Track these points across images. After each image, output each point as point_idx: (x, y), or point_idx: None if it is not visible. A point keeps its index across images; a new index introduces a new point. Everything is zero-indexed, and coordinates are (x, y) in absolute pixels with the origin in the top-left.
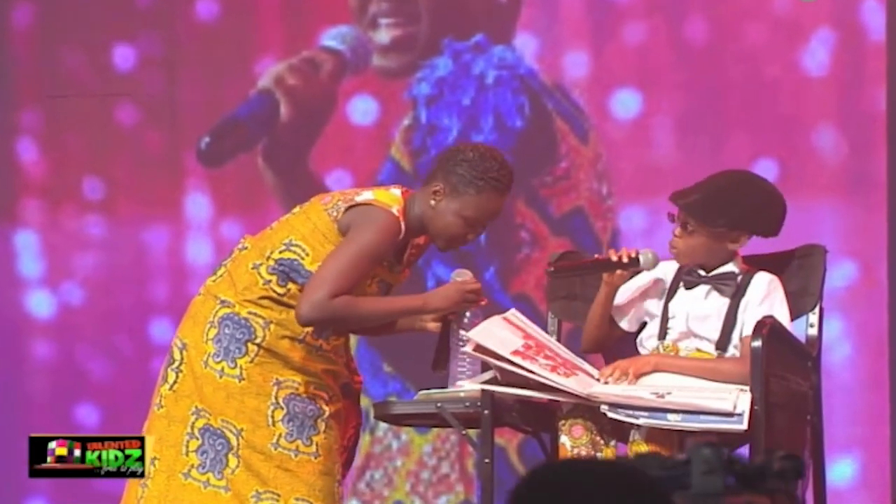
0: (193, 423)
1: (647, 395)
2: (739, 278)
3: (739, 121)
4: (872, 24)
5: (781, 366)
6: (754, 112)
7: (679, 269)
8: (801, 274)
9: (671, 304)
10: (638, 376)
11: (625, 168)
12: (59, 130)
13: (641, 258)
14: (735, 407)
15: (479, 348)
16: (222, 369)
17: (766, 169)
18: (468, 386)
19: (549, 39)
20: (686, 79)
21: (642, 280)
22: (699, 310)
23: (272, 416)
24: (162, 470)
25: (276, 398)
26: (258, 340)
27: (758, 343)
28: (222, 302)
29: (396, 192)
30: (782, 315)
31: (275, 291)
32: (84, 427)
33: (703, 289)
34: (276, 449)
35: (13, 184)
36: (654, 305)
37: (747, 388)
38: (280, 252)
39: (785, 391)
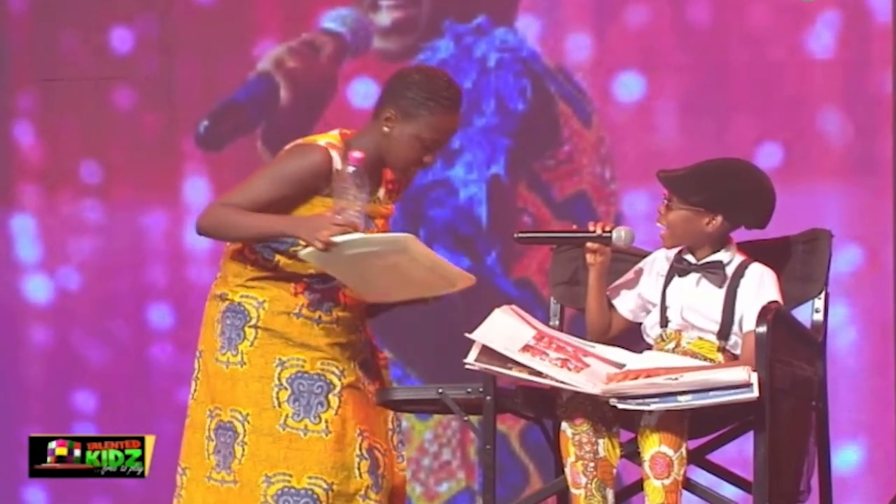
0: (209, 425)
1: (660, 381)
2: (733, 267)
3: (744, 104)
4: (879, 6)
5: (786, 351)
6: (759, 95)
7: (675, 256)
8: (806, 259)
9: (668, 291)
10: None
11: (628, 152)
12: (55, 114)
13: (614, 235)
14: (749, 376)
15: (486, 351)
16: (227, 360)
17: (771, 152)
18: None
19: (551, 22)
20: (690, 61)
21: (638, 268)
22: (692, 299)
23: (277, 398)
24: (193, 478)
25: (279, 379)
26: (253, 322)
27: (763, 328)
28: (220, 297)
29: (334, 132)
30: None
31: (265, 268)
32: (81, 412)
33: (694, 277)
34: (284, 430)
35: (9, 168)
36: (653, 293)
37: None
38: None
39: (790, 377)
